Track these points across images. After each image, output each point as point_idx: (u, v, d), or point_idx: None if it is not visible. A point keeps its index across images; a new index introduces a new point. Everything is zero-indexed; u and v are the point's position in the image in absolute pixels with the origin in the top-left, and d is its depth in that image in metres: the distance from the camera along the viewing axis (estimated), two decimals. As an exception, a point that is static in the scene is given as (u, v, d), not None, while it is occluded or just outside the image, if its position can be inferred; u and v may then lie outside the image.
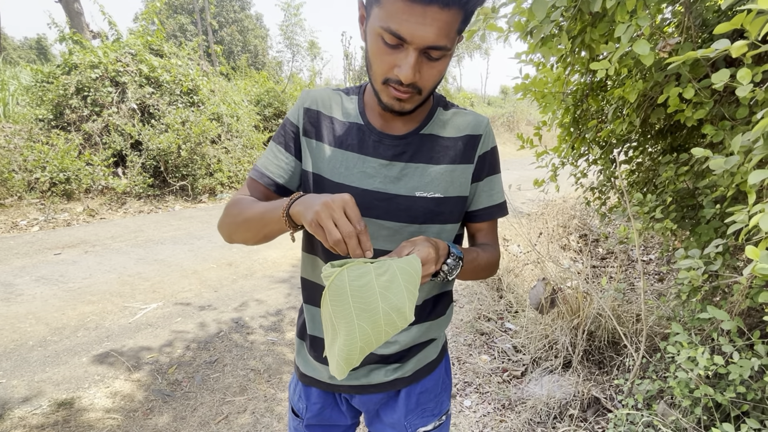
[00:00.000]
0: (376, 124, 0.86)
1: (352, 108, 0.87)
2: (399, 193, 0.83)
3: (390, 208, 0.83)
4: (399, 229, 0.84)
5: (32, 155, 5.83)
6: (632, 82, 1.67)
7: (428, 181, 0.84)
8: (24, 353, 2.60)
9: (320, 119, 0.86)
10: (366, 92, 0.89)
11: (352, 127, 0.85)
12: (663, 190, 2.08)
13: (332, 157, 0.84)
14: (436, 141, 0.86)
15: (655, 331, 2.25)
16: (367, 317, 0.61)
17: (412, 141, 0.85)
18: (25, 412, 2.12)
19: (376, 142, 0.84)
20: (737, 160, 1.19)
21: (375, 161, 0.84)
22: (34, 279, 3.71)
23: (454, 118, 0.89)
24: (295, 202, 0.68)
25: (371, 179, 0.83)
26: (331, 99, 0.88)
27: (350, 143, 0.85)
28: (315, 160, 0.85)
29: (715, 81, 1.13)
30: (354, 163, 0.84)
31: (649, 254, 4.09)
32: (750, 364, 1.26)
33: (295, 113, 0.87)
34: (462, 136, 0.88)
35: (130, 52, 7.15)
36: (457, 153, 0.87)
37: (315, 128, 0.86)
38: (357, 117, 0.86)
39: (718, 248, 1.41)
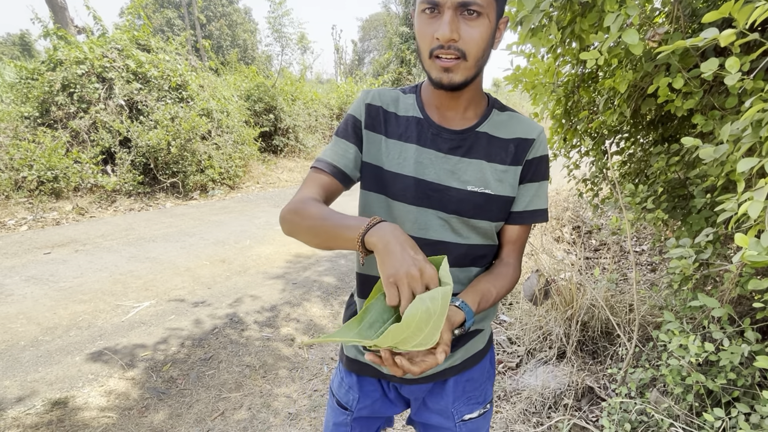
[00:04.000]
0: (435, 118, 0.90)
1: (411, 103, 0.92)
2: (452, 185, 0.87)
3: (443, 199, 0.87)
4: (449, 220, 0.88)
5: (18, 153, 5.74)
6: (622, 73, 1.67)
7: (480, 177, 0.87)
8: (16, 353, 2.58)
9: (381, 114, 0.90)
10: (423, 89, 0.94)
11: (411, 121, 0.90)
12: (654, 180, 2.09)
13: (391, 148, 0.89)
14: (490, 140, 0.89)
15: (647, 321, 2.28)
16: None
17: (468, 137, 0.88)
18: (19, 412, 2.10)
19: (434, 135, 0.88)
20: (726, 148, 1.20)
21: (432, 153, 0.87)
22: (24, 279, 3.66)
23: (509, 121, 0.92)
24: (373, 231, 0.68)
25: (427, 169, 0.87)
26: (390, 96, 0.93)
27: (409, 135, 0.89)
28: (375, 152, 0.90)
29: (704, 70, 1.14)
30: (411, 154, 0.88)
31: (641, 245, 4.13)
32: (740, 351, 1.28)
33: (358, 109, 0.91)
34: (514, 138, 0.90)
35: (116, 47, 7.04)
36: (509, 154, 0.89)
37: (376, 122, 0.90)
38: (416, 111, 0.90)
39: (708, 237, 1.43)
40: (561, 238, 4.55)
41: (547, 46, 1.94)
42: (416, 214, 0.88)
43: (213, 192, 7.29)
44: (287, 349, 2.76)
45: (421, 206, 0.87)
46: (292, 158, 9.96)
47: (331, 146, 0.92)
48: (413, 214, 0.88)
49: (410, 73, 12.04)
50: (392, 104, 0.92)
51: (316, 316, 3.20)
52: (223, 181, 7.61)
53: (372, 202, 0.92)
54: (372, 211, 0.92)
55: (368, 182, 0.92)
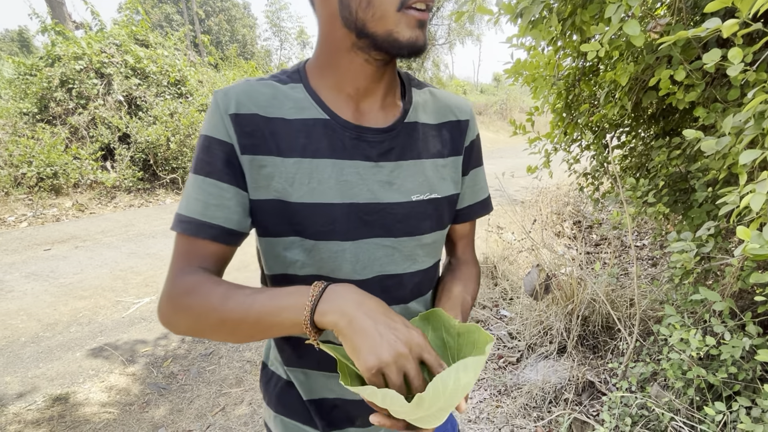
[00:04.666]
0: (347, 115, 0.65)
1: (302, 99, 0.65)
2: (393, 200, 0.67)
3: (385, 221, 0.67)
4: (398, 246, 0.69)
5: (18, 150, 5.73)
6: (623, 65, 1.66)
7: (422, 180, 0.69)
8: (16, 350, 2.58)
9: (260, 125, 0.62)
10: (312, 73, 0.67)
11: (311, 125, 0.64)
12: (655, 174, 2.08)
13: (294, 171, 0.63)
14: (421, 130, 0.71)
15: (648, 315, 2.27)
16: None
17: (399, 133, 0.68)
18: (20, 407, 2.10)
19: (354, 139, 0.65)
20: (728, 141, 1.18)
21: (356, 165, 0.65)
22: (24, 275, 3.66)
23: (434, 101, 0.74)
24: (324, 306, 0.52)
25: (356, 189, 0.65)
26: (264, 93, 0.64)
27: (317, 147, 0.63)
28: (266, 182, 0.62)
29: (706, 61, 1.13)
30: (328, 173, 0.63)
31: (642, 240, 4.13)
32: (742, 344, 1.28)
33: (219, 126, 0.61)
34: (446, 122, 0.74)
35: (114, 42, 7.02)
36: (445, 143, 0.73)
37: (258, 139, 0.62)
38: (316, 110, 0.64)
39: (710, 231, 1.42)
40: (562, 233, 4.55)
41: (548, 39, 1.93)
42: (353, 250, 0.66)
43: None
44: (288, 345, 2.76)
45: (357, 239, 0.66)
46: (292, 154, 9.94)
47: (194, 192, 0.62)
48: (349, 252, 0.66)
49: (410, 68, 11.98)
50: (272, 105, 0.63)
51: (316, 312, 3.20)
52: (223, 176, 7.60)
53: (282, 251, 0.66)
54: (285, 263, 0.67)
55: (270, 226, 0.65)
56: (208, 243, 0.62)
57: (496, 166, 7.88)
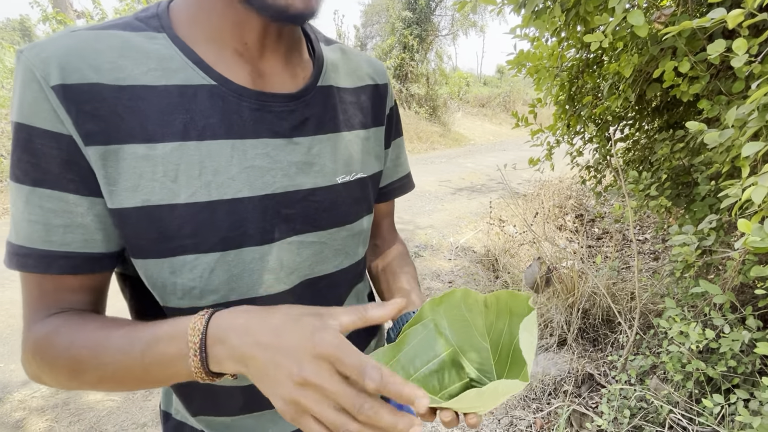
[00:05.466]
0: (241, 78, 0.48)
1: (171, 56, 0.45)
2: (317, 185, 0.53)
3: (308, 212, 0.53)
4: (327, 241, 0.56)
5: (21, 140, 5.74)
6: (627, 57, 1.64)
7: (347, 157, 0.57)
8: (20, 338, 2.60)
9: (108, 99, 0.42)
10: (180, 20, 0.47)
11: (192, 95, 0.45)
12: (658, 167, 2.07)
13: (176, 161, 0.45)
14: (338, 95, 0.57)
15: (648, 309, 2.28)
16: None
17: (313, 100, 0.53)
18: (25, 395, 2.13)
19: (257, 110, 0.48)
20: (732, 133, 1.18)
21: (264, 144, 0.49)
22: (28, 265, 3.69)
23: (345, 59, 0.60)
24: (213, 348, 0.39)
25: (270, 175, 0.50)
26: (105, 49, 0.43)
27: (204, 124, 0.46)
28: (133, 181, 0.44)
29: (711, 52, 1.12)
30: (229, 158, 0.47)
31: (644, 233, 4.12)
32: (742, 337, 1.28)
33: (42, 108, 0.41)
34: (364, 86, 0.61)
35: (117, 33, 6.99)
36: (366, 111, 0.60)
37: (105, 122, 0.42)
38: (193, 72, 0.46)
39: (711, 224, 1.42)
40: (563, 227, 4.54)
41: (551, 29, 1.91)
42: (276, 255, 0.51)
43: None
44: (289, 335, 2.78)
45: (276, 239, 0.51)
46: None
47: (26, 211, 0.44)
48: (270, 257, 0.51)
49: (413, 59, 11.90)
50: (125, 67, 0.43)
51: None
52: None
53: (170, 276, 0.47)
54: (175, 292, 0.48)
55: (145, 243, 0.46)
56: (64, 278, 0.46)
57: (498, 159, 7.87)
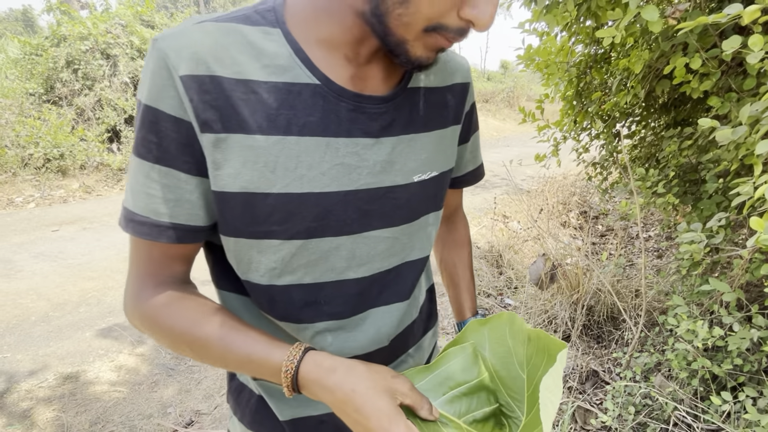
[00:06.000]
0: (342, 79, 0.50)
1: (283, 54, 0.48)
2: (396, 183, 0.56)
3: (385, 209, 0.56)
4: (398, 236, 0.59)
5: (24, 131, 5.74)
6: (638, 52, 1.63)
7: (425, 157, 0.58)
8: (27, 328, 2.62)
9: (225, 91, 0.46)
10: (295, 18, 0.49)
11: (297, 92, 0.48)
12: (665, 164, 2.07)
13: (272, 153, 0.48)
14: (423, 97, 0.58)
15: (653, 306, 2.28)
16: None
17: (402, 102, 0.55)
18: (32, 385, 2.14)
19: (352, 111, 0.51)
20: (744, 130, 1.17)
21: (354, 143, 0.51)
22: (33, 255, 3.70)
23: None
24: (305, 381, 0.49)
25: (356, 173, 0.52)
26: (228, 43, 0.46)
27: (305, 121, 0.49)
28: (236, 168, 0.47)
29: (725, 48, 1.11)
30: (322, 155, 0.50)
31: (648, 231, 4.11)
32: (750, 335, 1.28)
33: (171, 94, 0.45)
34: (451, 85, 0.62)
35: (120, 23, 6.96)
36: (449, 110, 0.62)
37: (220, 112, 0.46)
38: (301, 71, 0.48)
39: (720, 222, 1.41)
40: (568, 223, 4.53)
41: (562, 24, 1.89)
42: (349, 247, 0.55)
43: (218, 172, 7.30)
44: (293, 328, 2.79)
45: (354, 232, 0.54)
46: (297, 139, 9.91)
47: (144, 183, 0.49)
48: (345, 248, 0.54)
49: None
50: (242, 61, 0.47)
51: (321, 297, 3.23)
52: (229, 161, 7.60)
53: (256, 255, 0.52)
54: (258, 270, 0.53)
55: (240, 225, 0.51)
56: (170, 246, 0.52)
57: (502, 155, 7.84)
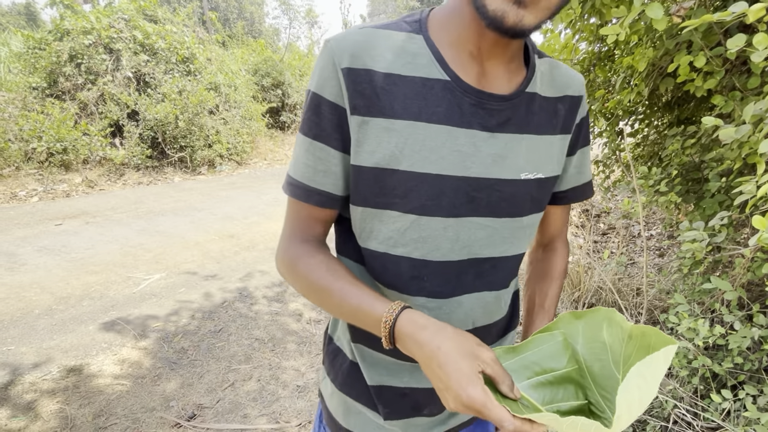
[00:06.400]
0: (469, 77, 0.58)
1: (422, 54, 0.57)
2: (503, 176, 0.61)
3: (491, 199, 0.61)
4: (499, 228, 0.64)
5: (28, 125, 5.75)
6: (642, 50, 1.63)
7: (534, 157, 0.63)
8: (31, 321, 2.64)
9: (373, 81, 0.56)
10: (435, 25, 0.59)
11: (430, 86, 0.57)
12: (668, 163, 2.06)
13: (404, 135, 0.57)
14: (539, 103, 0.63)
15: (654, 305, 2.28)
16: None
17: (519, 103, 0.61)
18: (36, 377, 2.16)
19: (474, 106, 0.58)
20: (748, 129, 1.17)
21: (473, 134, 0.58)
22: (37, 249, 3.72)
23: (553, 72, 0.66)
24: (399, 333, 0.54)
25: (469, 161, 0.59)
26: (380, 44, 0.57)
27: (433, 110, 0.57)
28: (373, 146, 0.57)
29: (730, 46, 1.11)
30: (442, 141, 0.57)
31: (650, 229, 4.11)
32: (751, 334, 1.28)
33: (333, 83, 0.56)
34: (563, 96, 0.66)
35: (123, 17, 6.95)
36: (559, 119, 0.66)
37: (367, 98, 0.56)
38: (435, 68, 0.57)
39: (722, 221, 1.41)
40: (569, 221, 4.53)
41: (566, 21, 1.89)
42: (455, 228, 0.61)
43: (220, 167, 7.30)
44: (295, 324, 2.80)
45: (460, 216, 0.60)
46: (299, 135, 9.90)
47: (303, 155, 0.61)
48: (452, 230, 0.61)
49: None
50: (390, 59, 0.56)
51: (323, 292, 3.24)
52: (231, 156, 7.60)
53: (378, 224, 0.62)
54: (378, 238, 0.63)
55: (369, 195, 0.60)
56: (315, 209, 0.64)
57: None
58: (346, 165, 0.60)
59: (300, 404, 2.11)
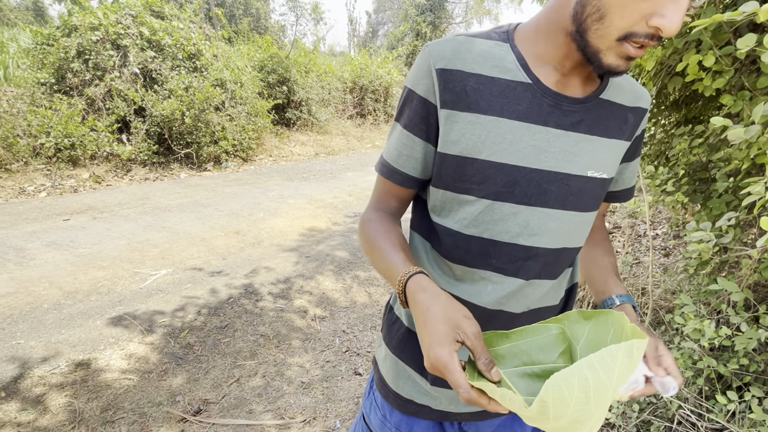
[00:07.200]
0: (549, 82, 0.66)
1: (507, 59, 0.66)
2: (572, 172, 0.68)
3: (560, 192, 0.68)
4: (566, 221, 0.70)
5: (36, 120, 5.79)
6: (651, 49, 1.62)
7: (601, 158, 0.70)
8: (39, 316, 2.67)
9: (463, 81, 0.64)
10: (522, 37, 0.68)
11: (513, 87, 0.65)
12: (675, 162, 2.05)
13: (490, 129, 0.65)
14: (611, 109, 0.70)
15: (660, 305, 2.27)
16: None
17: (592, 106, 0.68)
18: (45, 371, 2.19)
19: (551, 106, 0.65)
20: (757, 129, 1.16)
21: (547, 131, 0.66)
22: (45, 244, 3.76)
23: (624, 83, 0.73)
24: (408, 291, 0.61)
25: (544, 155, 0.66)
26: (473, 50, 0.66)
27: (514, 108, 0.65)
28: (457, 137, 0.66)
29: (740, 46, 1.10)
30: (521, 135, 0.65)
31: (656, 229, 4.08)
32: (757, 336, 1.28)
33: (426, 81, 0.66)
34: (634, 107, 0.73)
35: (130, 13, 6.98)
36: (626, 126, 0.73)
37: (456, 95, 0.65)
38: (519, 72, 0.65)
39: (730, 221, 1.41)
40: (574, 219, 4.51)
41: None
42: (526, 216, 0.68)
43: (226, 164, 7.32)
44: (300, 321, 2.82)
45: (532, 205, 0.67)
46: (305, 132, 9.91)
47: (394, 140, 0.73)
48: (522, 216, 0.68)
49: (426, 46, 11.71)
50: (479, 62, 0.65)
51: (328, 290, 3.26)
52: (237, 153, 7.62)
53: (457, 206, 0.70)
54: (454, 218, 0.71)
55: (450, 180, 0.69)
56: (395, 186, 0.75)
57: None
58: (428, 152, 0.70)
59: (305, 400, 2.13)
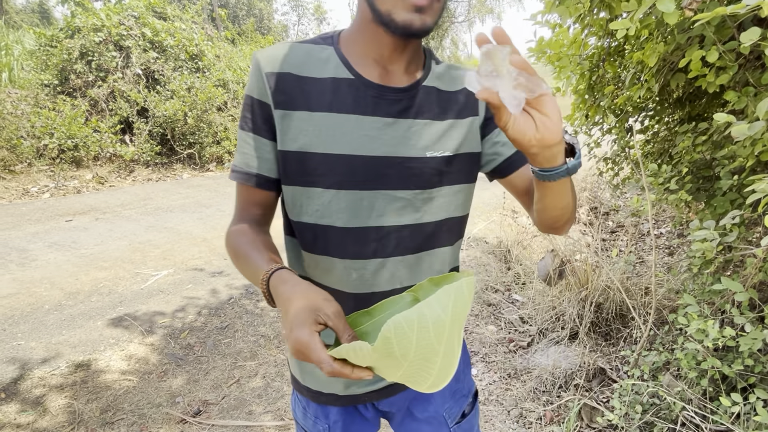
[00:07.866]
0: (371, 76, 0.72)
1: (331, 60, 0.72)
2: (409, 155, 0.73)
3: (401, 174, 0.73)
4: (412, 199, 0.74)
5: (39, 121, 5.82)
6: (653, 45, 1.59)
7: (438, 138, 0.75)
8: (40, 316, 2.68)
9: (292, 82, 0.70)
10: (343, 40, 0.74)
11: (339, 84, 0.71)
12: (679, 160, 2.02)
13: (320, 124, 0.70)
14: (438, 94, 0.76)
15: (663, 305, 2.24)
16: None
17: (417, 94, 0.74)
18: (45, 372, 2.19)
19: (376, 97, 0.71)
20: (761, 126, 1.14)
21: (377, 121, 0.71)
22: (47, 245, 3.77)
23: (448, 71, 0.80)
24: (272, 282, 0.62)
25: (377, 142, 0.71)
26: (298, 54, 0.72)
27: (341, 103, 0.70)
28: (295, 134, 0.70)
29: (743, 41, 1.07)
30: (351, 127, 0.70)
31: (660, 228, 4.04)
32: (762, 336, 1.25)
33: (259, 85, 0.70)
34: (462, 89, 0.79)
35: (133, 14, 7.00)
36: (461, 106, 0.78)
37: (287, 96, 0.70)
38: (342, 70, 0.71)
39: (734, 220, 1.38)
40: (577, 219, 4.48)
41: (575, 16, 1.85)
42: (370, 199, 0.73)
43: (229, 164, 7.33)
44: (300, 321, 2.81)
45: (374, 189, 0.72)
46: (307, 131, 9.91)
47: (244, 146, 0.74)
48: (367, 200, 0.73)
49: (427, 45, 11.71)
50: (304, 65, 0.71)
51: (329, 289, 3.25)
52: (239, 153, 7.63)
53: (306, 200, 0.74)
54: (306, 211, 0.75)
55: (293, 175, 0.73)
56: (254, 190, 0.76)
57: (513, 149, 7.73)
58: (276, 151, 0.73)
59: (304, 401, 2.12)
